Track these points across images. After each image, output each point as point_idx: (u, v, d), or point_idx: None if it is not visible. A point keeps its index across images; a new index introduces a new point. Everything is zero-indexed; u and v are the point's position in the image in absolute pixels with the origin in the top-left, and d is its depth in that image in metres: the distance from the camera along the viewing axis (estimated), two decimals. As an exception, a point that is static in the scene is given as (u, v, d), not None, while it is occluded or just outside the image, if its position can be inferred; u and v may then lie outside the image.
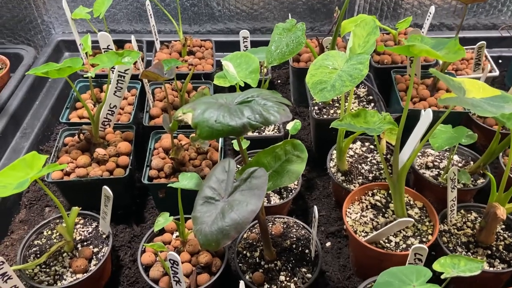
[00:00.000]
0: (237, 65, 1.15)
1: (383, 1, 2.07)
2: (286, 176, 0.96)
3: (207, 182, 0.86)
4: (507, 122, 1.03)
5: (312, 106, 1.60)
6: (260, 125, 0.84)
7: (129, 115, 1.54)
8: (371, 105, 1.61)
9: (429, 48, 0.86)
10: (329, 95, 1.05)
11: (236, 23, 2.17)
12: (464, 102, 0.93)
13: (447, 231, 1.25)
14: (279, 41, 1.26)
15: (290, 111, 1.89)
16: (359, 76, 1.04)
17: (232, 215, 0.78)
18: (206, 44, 1.90)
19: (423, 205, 1.28)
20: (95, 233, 1.26)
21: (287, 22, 1.30)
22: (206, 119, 0.84)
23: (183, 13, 2.12)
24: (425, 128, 1.29)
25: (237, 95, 0.92)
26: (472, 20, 2.15)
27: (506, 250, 1.19)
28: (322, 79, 1.08)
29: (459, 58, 0.94)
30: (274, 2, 2.09)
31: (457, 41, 0.94)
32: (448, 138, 1.25)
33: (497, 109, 0.93)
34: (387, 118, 1.26)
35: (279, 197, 1.39)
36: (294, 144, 1.00)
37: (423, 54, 0.91)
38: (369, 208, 1.29)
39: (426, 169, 1.46)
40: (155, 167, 1.33)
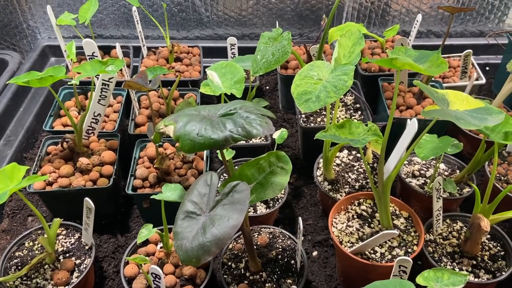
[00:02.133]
0: (222, 75, 1.14)
1: (371, 8, 2.07)
2: (270, 188, 0.95)
3: (188, 196, 0.85)
4: (491, 134, 1.03)
5: (299, 114, 1.59)
6: (242, 138, 0.83)
7: (114, 123, 1.52)
8: (358, 113, 1.61)
9: (411, 61, 0.86)
10: (313, 106, 1.04)
11: (225, 29, 2.16)
12: (448, 115, 0.93)
13: (432, 241, 1.25)
14: (265, 50, 1.25)
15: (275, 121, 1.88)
16: (344, 87, 1.03)
17: (213, 231, 0.77)
18: (193, 50, 1.89)
19: (408, 215, 1.27)
20: (78, 244, 1.24)
21: (273, 31, 1.29)
22: (188, 132, 0.83)
23: (171, 19, 2.11)
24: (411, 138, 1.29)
25: (220, 107, 0.91)
26: (460, 27, 2.16)
27: (491, 260, 1.20)
28: (307, 90, 1.08)
29: (442, 72, 0.94)
30: (263, 9, 2.08)
31: (439, 54, 0.94)
32: (433, 148, 1.25)
33: (480, 122, 0.93)
34: (372, 129, 1.26)
35: (265, 206, 1.38)
36: (278, 155, 0.99)
37: (406, 67, 0.90)
38: (355, 218, 1.28)
39: (412, 178, 1.46)
40: (139, 177, 1.31)
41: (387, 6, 2.07)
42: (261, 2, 2.06)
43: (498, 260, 1.20)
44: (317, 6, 2.07)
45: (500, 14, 2.11)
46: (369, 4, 2.06)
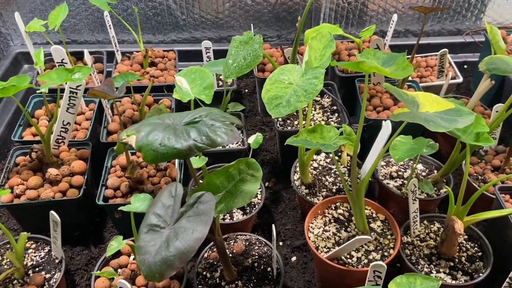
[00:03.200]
0: (191, 80, 1.12)
1: (348, 8, 2.07)
2: (240, 197, 0.93)
3: (152, 208, 0.82)
4: (463, 135, 1.03)
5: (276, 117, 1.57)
6: (206, 147, 0.80)
7: (86, 131, 1.48)
8: (335, 115, 1.60)
9: (378, 65, 0.84)
10: (284, 111, 1.02)
11: (202, 32, 2.13)
12: (417, 118, 0.91)
13: (410, 243, 1.24)
14: (236, 55, 1.23)
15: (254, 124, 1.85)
16: (314, 91, 1.02)
17: (177, 244, 0.75)
18: (169, 54, 1.86)
19: (385, 218, 1.26)
20: (48, 258, 1.21)
21: (244, 34, 1.27)
22: (150, 142, 0.80)
23: (146, 23, 2.07)
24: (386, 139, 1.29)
25: (185, 114, 0.89)
26: (437, 26, 2.17)
27: (468, 261, 1.19)
28: (277, 94, 1.06)
29: (407, 75, 0.93)
30: (239, 11, 2.06)
31: (404, 57, 0.93)
32: (408, 149, 1.24)
33: (450, 124, 0.92)
34: (347, 131, 1.25)
35: (242, 213, 1.36)
36: (248, 162, 0.97)
37: (372, 70, 0.89)
38: (332, 222, 1.27)
39: (390, 179, 1.45)
40: (111, 186, 1.28)
41: (364, 6, 2.06)
42: (238, 4, 2.03)
43: (476, 261, 1.19)
44: (294, 8, 2.05)
45: (477, 12, 2.12)
46: (346, 4, 2.05)
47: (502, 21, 2.15)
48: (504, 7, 2.12)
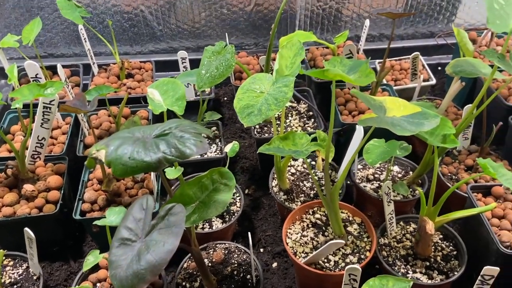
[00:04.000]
0: (163, 92, 1.12)
1: (323, 15, 2.10)
2: (213, 207, 0.93)
3: (124, 222, 0.83)
4: (430, 137, 1.05)
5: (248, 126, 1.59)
6: (176, 159, 0.81)
7: (63, 145, 1.48)
8: (312, 120, 1.62)
9: (342, 73, 0.86)
10: (256, 119, 1.04)
11: (179, 42, 2.14)
12: (384, 122, 0.94)
13: (387, 245, 1.26)
14: (209, 65, 1.24)
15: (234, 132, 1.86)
16: (284, 99, 1.03)
17: (148, 257, 0.75)
18: (146, 65, 1.86)
19: (361, 221, 1.28)
20: (26, 275, 1.20)
21: (216, 45, 1.29)
22: (119, 156, 0.80)
23: (123, 34, 2.08)
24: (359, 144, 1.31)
25: (155, 127, 0.89)
26: (411, 29, 2.21)
27: (444, 261, 1.21)
28: (249, 103, 1.07)
29: (370, 82, 0.96)
30: (216, 20, 2.08)
31: (367, 65, 0.95)
32: (381, 152, 1.26)
33: (416, 127, 0.95)
34: (321, 137, 1.27)
35: (221, 221, 1.37)
36: (221, 172, 0.98)
37: (337, 78, 0.91)
38: (310, 227, 1.28)
39: (367, 182, 1.47)
40: (87, 200, 1.27)
41: (338, 12, 2.09)
42: (214, 13, 2.05)
43: (451, 260, 1.21)
44: (270, 16, 2.08)
45: (448, 15, 2.17)
46: (320, 11, 2.08)
47: (474, 23, 2.20)
48: (474, 9, 2.17)
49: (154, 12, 2.02)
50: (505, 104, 1.60)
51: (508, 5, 1.06)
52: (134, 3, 1.98)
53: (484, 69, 1.16)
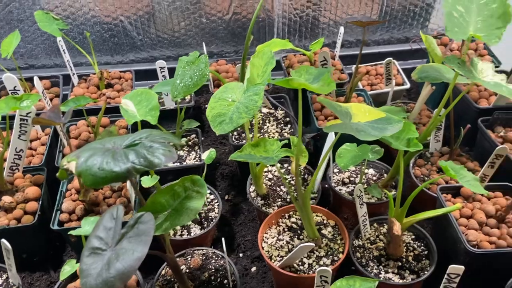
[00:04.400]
0: (137, 102, 1.15)
1: (301, 22, 2.14)
2: (185, 214, 0.96)
3: (94, 231, 0.85)
4: (395, 141, 1.09)
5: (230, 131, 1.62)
6: (145, 169, 0.84)
7: (42, 156, 1.49)
8: (288, 126, 1.65)
9: (305, 82, 0.90)
10: (227, 127, 1.06)
11: (160, 51, 2.17)
12: (348, 128, 0.97)
13: (361, 246, 1.29)
14: (183, 75, 1.27)
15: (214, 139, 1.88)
16: (255, 107, 1.06)
17: (117, 265, 0.77)
18: (125, 75, 1.88)
19: (335, 223, 1.32)
20: (6, 285, 1.20)
21: (190, 55, 1.32)
22: (89, 167, 0.83)
23: (103, 44, 2.10)
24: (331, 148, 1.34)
25: (126, 137, 0.92)
26: (386, 35, 2.27)
27: (415, 260, 1.25)
28: (221, 112, 1.10)
29: (332, 90, 0.99)
30: (195, 29, 2.11)
31: (328, 74, 0.99)
32: (353, 156, 1.30)
33: (379, 132, 0.98)
34: (295, 142, 1.30)
35: (200, 227, 1.39)
36: (193, 180, 1.00)
37: (301, 86, 0.95)
38: (285, 231, 1.31)
39: (342, 186, 1.51)
40: (65, 210, 1.29)
41: (315, 19, 2.14)
42: (193, 23, 2.08)
43: (422, 259, 1.25)
44: (248, 24, 2.11)
45: (422, 20, 2.23)
46: (298, 19, 2.13)
47: (447, 28, 2.26)
48: (447, 14, 2.23)
49: (134, 22, 2.05)
50: (475, 106, 1.65)
51: (468, 13, 1.10)
52: (113, 14, 2.01)
53: (448, 74, 1.21)
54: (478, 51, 1.96)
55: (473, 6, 1.11)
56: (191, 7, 2.03)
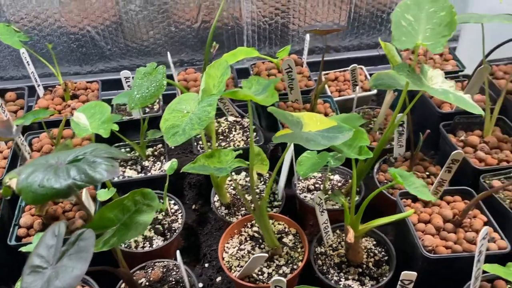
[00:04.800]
0: (91, 115, 1.14)
1: (270, 30, 2.15)
2: (134, 229, 0.95)
3: (36, 249, 0.84)
4: (347, 150, 1.10)
5: (195, 141, 1.62)
6: (86, 184, 0.83)
7: (3, 170, 1.47)
8: (254, 134, 1.65)
9: (250, 93, 0.91)
10: (180, 139, 1.06)
11: (129, 60, 2.16)
12: (298, 138, 0.98)
13: (323, 253, 1.30)
14: (140, 86, 1.27)
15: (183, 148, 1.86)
16: (207, 118, 1.06)
17: (57, 283, 0.76)
18: (92, 86, 1.87)
19: (296, 231, 1.32)
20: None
21: (148, 66, 1.31)
22: (30, 184, 0.82)
23: (71, 55, 2.08)
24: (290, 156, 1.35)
25: (71, 152, 0.91)
26: (356, 41, 2.29)
27: (375, 266, 1.25)
28: (175, 123, 1.10)
29: (275, 101, 1.00)
30: (164, 38, 2.11)
31: (272, 86, 0.99)
32: (312, 164, 1.30)
33: (329, 141, 0.99)
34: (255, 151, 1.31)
35: (162, 238, 1.38)
36: (144, 193, 1.00)
37: (247, 98, 0.95)
38: (247, 240, 1.31)
39: (307, 192, 1.51)
40: (23, 225, 1.27)
41: (285, 26, 2.15)
42: (162, 31, 2.08)
43: (383, 265, 1.26)
44: (218, 32, 2.12)
45: (389, 26, 2.25)
46: (267, 26, 2.13)
47: (415, 33, 2.29)
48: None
49: (101, 32, 2.04)
50: (437, 111, 1.67)
51: (417, 21, 1.12)
52: (79, 24, 1.99)
53: (402, 81, 1.22)
54: (443, 55, 1.99)
55: (423, 15, 1.13)
56: (159, 16, 2.02)
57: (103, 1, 1.93)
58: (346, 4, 2.13)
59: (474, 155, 1.48)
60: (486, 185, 1.35)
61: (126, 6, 1.97)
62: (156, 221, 1.42)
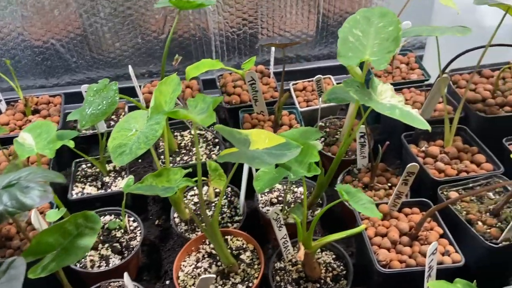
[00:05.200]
0: (37, 135, 1.12)
1: (239, 40, 2.14)
2: (74, 253, 0.93)
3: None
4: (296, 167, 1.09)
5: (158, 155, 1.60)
6: (17, 211, 0.81)
7: (-43, 189, 1.44)
8: (217, 148, 1.64)
9: (189, 114, 0.89)
10: (126, 158, 1.05)
11: (97, 72, 2.14)
12: (242, 157, 0.96)
13: (282, 269, 1.28)
14: (92, 103, 1.25)
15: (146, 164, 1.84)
16: (154, 137, 1.05)
17: (-18, 315, 0.74)
18: (55, 100, 1.84)
19: (254, 248, 1.30)
20: None
21: (100, 82, 1.29)
22: (-41, 212, 0.80)
23: (36, 68, 2.05)
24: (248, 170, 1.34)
25: (7, 176, 0.89)
26: (326, 50, 2.29)
27: (333, 281, 1.24)
28: (122, 143, 1.08)
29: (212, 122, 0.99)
30: (131, 49, 2.09)
31: (212, 106, 0.98)
32: (269, 179, 1.29)
33: (275, 159, 0.97)
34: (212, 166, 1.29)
35: (120, 257, 1.35)
36: (86, 216, 0.98)
37: (187, 118, 0.94)
38: (205, 257, 1.29)
39: (270, 206, 1.50)
40: (-27, 248, 1.24)
41: (253, 37, 2.15)
42: (128, 43, 2.06)
43: (340, 280, 1.25)
44: (185, 43, 2.11)
45: (359, 35, 2.26)
46: (235, 36, 2.13)
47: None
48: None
49: (66, 44, 2.01)
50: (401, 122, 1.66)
51: (366, 36, 1.12)
52: (43, 37, 1.97)
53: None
54: (409, 64, 2.00)
55: (372, 29, 1.13)
56: (124, 27, 2.01)
57: (66, 14, 1.91)
58: (314, 14, 2.13)
59: (434, 166, 1.48)
60: (443, 197, 1.35)
61: (90, 19, 1.95)
62: (114, 239, 1.39)
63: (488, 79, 1.78)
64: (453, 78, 1.80)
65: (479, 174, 1.42)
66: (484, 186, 1.38)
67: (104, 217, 1.46)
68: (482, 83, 1.77)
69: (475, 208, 1.31)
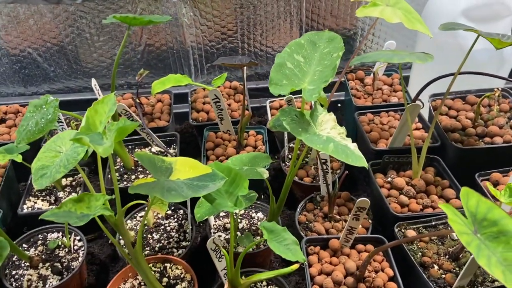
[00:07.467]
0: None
1: (218, 54, 2.09)
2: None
3: None
4: (223, 200, 1.01)
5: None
6: None
7: None
8: (175, 167, 1.58)
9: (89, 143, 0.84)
10: (45, 182, 1.00)
11: (75, 82, 2.12)
12: (156, 189, 0.90)
13: (222, 302, 1.21)
14: (29, 119, 1.21)
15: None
16: (74, 161, 1.00)
17: None
18: (24, 109, 1.83)
19: (191, 278, 1.23)
20: None
21: (41, 98, 1.26)
22: None
23: (14, 76, 2.06)
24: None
25: None
26: (311, 66, 2.21)
27: (272, 319, 1.16)
28: (45, 164, 1.04)
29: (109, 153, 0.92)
30: (108, 60, 2.06)
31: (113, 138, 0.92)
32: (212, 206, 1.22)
33: (194, 191, 0.91)
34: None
35: (59, 278, 1.31)
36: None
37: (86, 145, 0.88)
38: (142, 285, 1.23)
39: (223, 232, 1.43)
40: None
41: (233, 51, 2.09)
42: (105, 54, 2.04)
43: (280, 318, 1.17)
44: (163, 55, 2.07)
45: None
46: (214, 50, 2.08)
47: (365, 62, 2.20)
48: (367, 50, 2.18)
49: (43, 53, 2.00)
50: (371, 148, 1.57)
51: (308, 62, 1.04)
52: (20, 46, 1.97)
53: (302, 123, 1.13)
54: (393, 86, 1.90)
55: (316, 55, 1.05)
56: (101, 38, 1.98)
57: (42, 24, 1.90)
58: (297, 30, 2.06)
59: (397, 200, 1.38)
60: (399, 235, 1.25)
61: (67, 29, 1.93)
62: (56, 258, 1.35)
63: (472, 106, 1.67)
64: (433, 103, 1.69)
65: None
66: (447, 225, 1.27)
67: (51, 234, 1.43)
68: (465, 110, 1.65)
69: (434, 250, 1.21)
